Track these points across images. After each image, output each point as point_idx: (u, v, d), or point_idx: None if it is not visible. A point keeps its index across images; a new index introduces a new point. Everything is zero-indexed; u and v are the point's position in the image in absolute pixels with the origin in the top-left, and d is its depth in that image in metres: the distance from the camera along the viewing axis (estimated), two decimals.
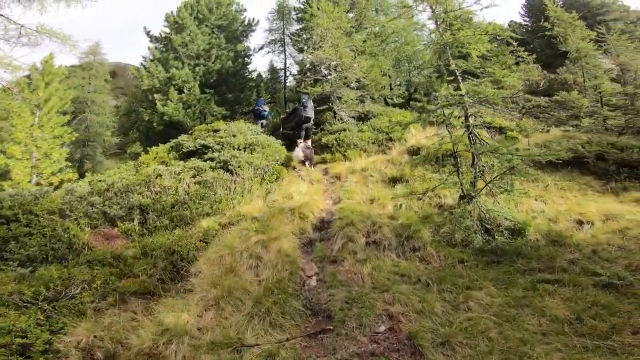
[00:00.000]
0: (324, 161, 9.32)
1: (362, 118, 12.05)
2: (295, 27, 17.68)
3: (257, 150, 8.34)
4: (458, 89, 4.77)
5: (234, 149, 8.23)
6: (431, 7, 5.01)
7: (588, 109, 11.86)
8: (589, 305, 3.31)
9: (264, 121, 11.66)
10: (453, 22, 4.85)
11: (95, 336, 2.87)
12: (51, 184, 10.21)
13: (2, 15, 9.04)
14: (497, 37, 4.86)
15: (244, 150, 8.25)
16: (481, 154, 4.54)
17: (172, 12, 15.38)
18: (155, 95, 13.16)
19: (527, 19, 23.03)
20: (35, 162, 10.51)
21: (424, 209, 5.71)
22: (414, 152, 8.41)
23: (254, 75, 17.95)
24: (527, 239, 4.87)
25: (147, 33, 16.05)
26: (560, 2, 17.86)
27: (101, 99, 25.52)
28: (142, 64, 15.78)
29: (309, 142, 9.89)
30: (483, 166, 4.85)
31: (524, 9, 23.25)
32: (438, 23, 5.02)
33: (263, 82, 19.17)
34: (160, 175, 6.73)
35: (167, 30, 15.31)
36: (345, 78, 11.68)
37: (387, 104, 16.74)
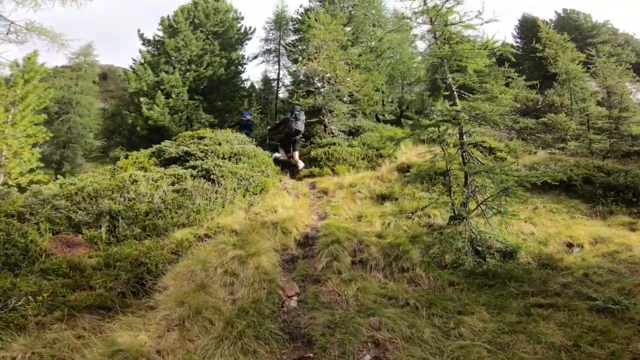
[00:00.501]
0: (311, 175, 9.05)
1: (353, 133, 11.91)
2: (291, 37, 17.70)
3: (243, 160, 8.03)
4: (454, 104, 4.62)
5: (218, 158, 7.90)
6: (430, 20, 4.90)
7: (574, 131, 12.03)
8: (585, 331, 3.14)
9: (247, 131, 11.36)
10: (452, 36, 4.75)
11: (34, 352, 2.46)
12: (19, 184, 9.58)
13: None
14: (496, 53, 4.77)
15: (229, 160, 7.92)
16: (475, 174, 4.35)
17: (167, 16, 15.20)
18: (142, 99, 12.79)
19: (519, 40, 23.85)
20: (3, 161, 9.89)
21: (413, 228, 5.47)
22: (404, 169, 8.24)
23: (246, 84, 17.80)
24: (518, 261, 4.74)
25: (141, 35, 15.81)
26: (552, 25, 18.41)
27: (87, 100, 24.95)
28: (131, 66, 15.44)
29: (297, 155, 9.67)
30: (476, 186, 4.66)
31: (517, 30, 24.07)
32: (437, 36, 4.91)
33: (255, 91, 19.00)
34: (136, 181, 6.33)
35: (161, 33, 15.08)
36: (338, 91, 11.58)
37: (378, 120, 16.74)
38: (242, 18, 17.31)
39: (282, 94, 18.70)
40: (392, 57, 18.40)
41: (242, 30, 17.05)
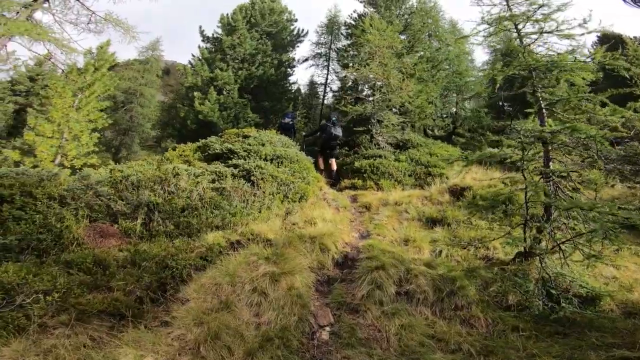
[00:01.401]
0: (353, 187, 8.50)
1: (400, 146, 11.19)
2: (342, 42, 17.36)
3: (285, 164, 7.71)
4: (542, 124, 3.86)
5: (260, 159, 7.66)
6: (516, 27, 4.20)
7: None
8: None
9: (288, 133, 11.10)
10: (546, 44, 4.04)
11: None
12: (73, 166, 10.04)
13: (78, 0, 9.25)
14: (606, 67, 3.95)
15: (271, 162, 7.65)
16: (567, 210, 3.56)
17: (227, 14, 15.56)
18: (195, 93, 13.09)
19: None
20: (64, 142, 10.45)
21: (469, 260, 4.74)
22: (456, 192, 7.44)
23: (294, 87, 17.74)
24: (599, 309, 3.93)
25: (201, 32, 16.35)
26: (638, 42, 16.21)
27: (149, 92, 26.80)
28: (190, 61, 15.99)
29: (334, 162, 9.51)
30: (564, 223, 3.86)
31: (594, 47, 21.75)
32: (524, 43, 4.19)
33: (301, 95, 18.92)
34: (178, 175, 6.21)
35: (220, 31, 15.47)
36: (390, 101, 10.95)
37: (426, 134, 15.80)
38: (296, 20, 17.33)
39: (329, 99, 18.41)
40: (449, 69, 17.43)
41: (295, 32, 17.05)
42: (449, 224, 5.69)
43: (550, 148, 3.89)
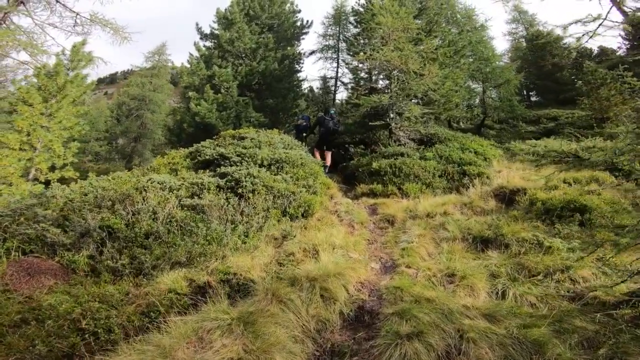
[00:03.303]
0: (372, 193, 6.92)
1: (425, 142, 9.57)
2: (352, 31, 15.82)
3: (286, 170, 6.30)
4: None
5: (255, 164, 6.28)
6: None
7: None
8: None
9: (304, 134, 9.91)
10: None
11: None
12: (48, 181, 8.88)
13: (59, 2, 8.35)
14: None
15: (268, 168, 6.25)
16: None
17: (225, 8, 14.39)
18: (190, 93, 11.88)
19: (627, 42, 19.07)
20: (36, 154, 9.24)
21: (549, 301, 3.14)
22: (504, 196, 5.79)
23: (304, 85, 16.35)
24: None
25: (199, 30, 15.26)
26: None
27: (159, 98, 26.46)
28: (187, 60, 14.90)
29: (329, 156, 9.17)
30: None
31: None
32: None
33: (312, 92, 17.55)
34: (145, 190, 4.91)
35: (217, 26, 14.29)
36: (410, 89, 9.33)
37: (450, 127, 14.10)
38: (299, 11, 15.89)
39: (341, 92, 16.93)
40: (473, 55, 15.65)
41: (299, 24, 15.63)
42: (506, 244, 4.05)
43: None
